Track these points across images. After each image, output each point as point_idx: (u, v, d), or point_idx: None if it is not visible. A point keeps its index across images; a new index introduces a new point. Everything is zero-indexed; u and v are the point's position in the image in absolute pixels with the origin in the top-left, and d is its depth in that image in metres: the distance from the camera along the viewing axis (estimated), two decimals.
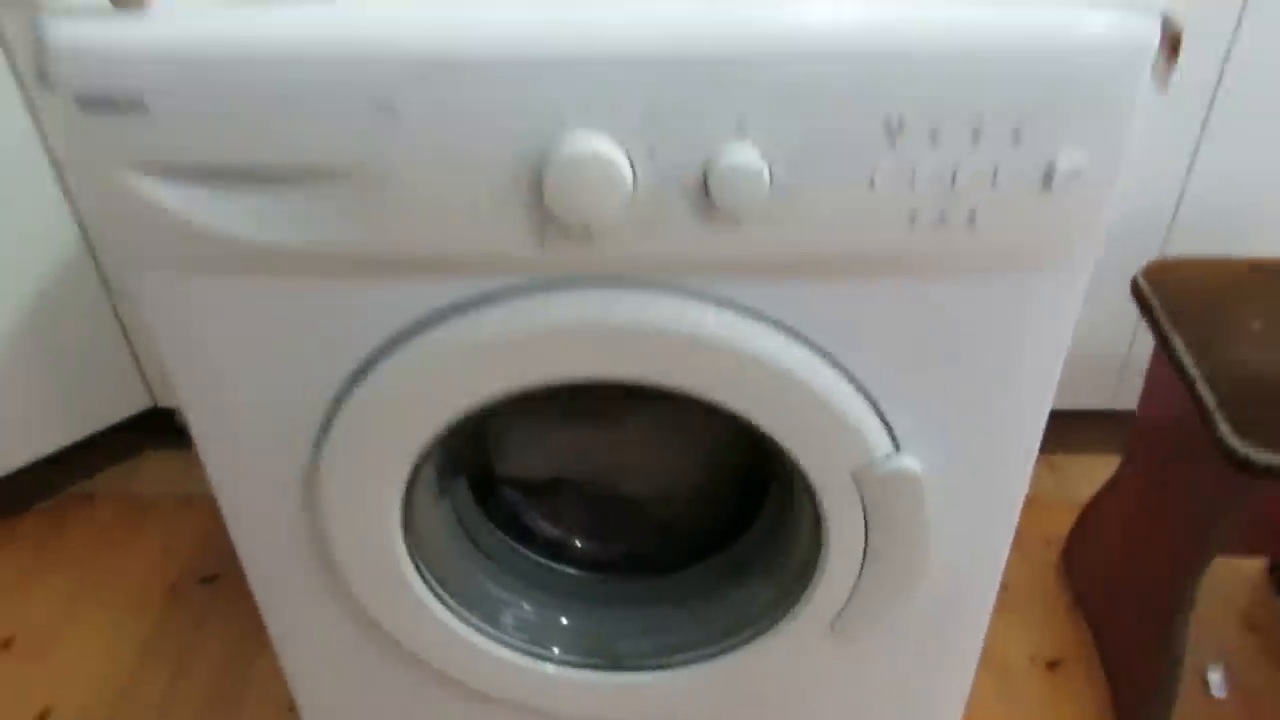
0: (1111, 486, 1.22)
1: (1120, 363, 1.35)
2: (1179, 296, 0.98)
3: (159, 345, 0.65)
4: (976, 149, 0.54)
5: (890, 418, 0.66)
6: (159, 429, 1.52)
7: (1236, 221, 1.23)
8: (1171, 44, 0.52)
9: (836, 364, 0.64)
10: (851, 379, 0.65)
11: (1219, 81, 1.13)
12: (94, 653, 1.26)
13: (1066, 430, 1.51)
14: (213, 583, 1.34)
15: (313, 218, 0.58)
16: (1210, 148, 1.17)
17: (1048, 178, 0.55)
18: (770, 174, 0.54)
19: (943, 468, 0.68)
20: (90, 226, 1.27)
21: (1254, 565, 1.32)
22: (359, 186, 0.56)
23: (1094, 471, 1.39)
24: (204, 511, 1.44)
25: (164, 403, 1.44)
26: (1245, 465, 0.83)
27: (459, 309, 0.62)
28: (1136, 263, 1.23)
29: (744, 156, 0.54)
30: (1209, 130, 1.16)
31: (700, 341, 0.61)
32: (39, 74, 0.55)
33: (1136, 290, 1.01)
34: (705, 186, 0.55)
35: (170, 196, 0.58)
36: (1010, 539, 0.76)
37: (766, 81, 0.52)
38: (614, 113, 0.53)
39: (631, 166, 0.54)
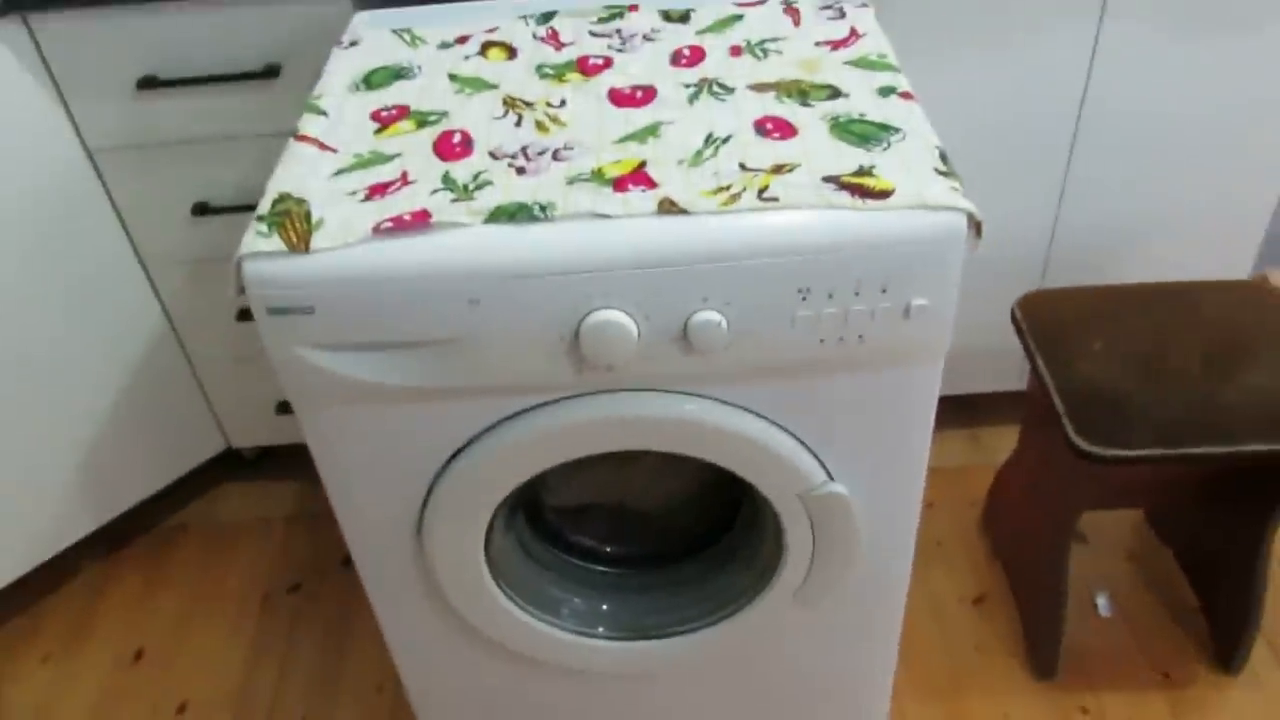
0: (1014, 458, 1.53)
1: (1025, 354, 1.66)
2: (1044, 322, 1.28)
3: (318, 451, 0.94)
4: (859, 299, 0.84)
5: (822, 457, 0.96)
6: (234, 465, 1.81)
7: (1102, 254, 1.54)
8: (975, 227, 0.82)
9: (781, 426, 0.94)
10: (793, 435, 0.95)
11: (1074, 137, 1.42)
12: (212, 656, 1.55)
13: (986, 408, 1.83)
14: (297, 591, 1.64)
15: (427, 368, 0.87)
16: (1073, 193, 1.47)
17: (906, 313, 0.84)
18: (727, 325, 0.84)
19: (863, 488, 0.99)
20: (171, 309, 1.54)
21: (1136, 514, 1.65)
22: (458, 348, 0.85)
23: (1008, 441, 1.71)
24: (280, 531, 1.73)
25: (236, 444, 1.73)
26: (1086, 456, 1.14)
27: (523, 413, 0.91)
28: (1024, 285, 1.54)
29: (709, 317, 0.83)
30: (1070, 178, 1.46)
31: (686, 422, 0.91)
32: (238, 293, 0.84)
33: (1013, 318, 1.31)
34: (685, 335, 0.84)
35: (331, 361, 0.86)
36: (913, 529, 1.06)
37: (721, 272, 0.82)
38: (624, 297, 0.82)
39: (637, 327, 0.83)
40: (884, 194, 0.82)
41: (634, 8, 1.15)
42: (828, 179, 0.84)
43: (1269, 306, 1.29)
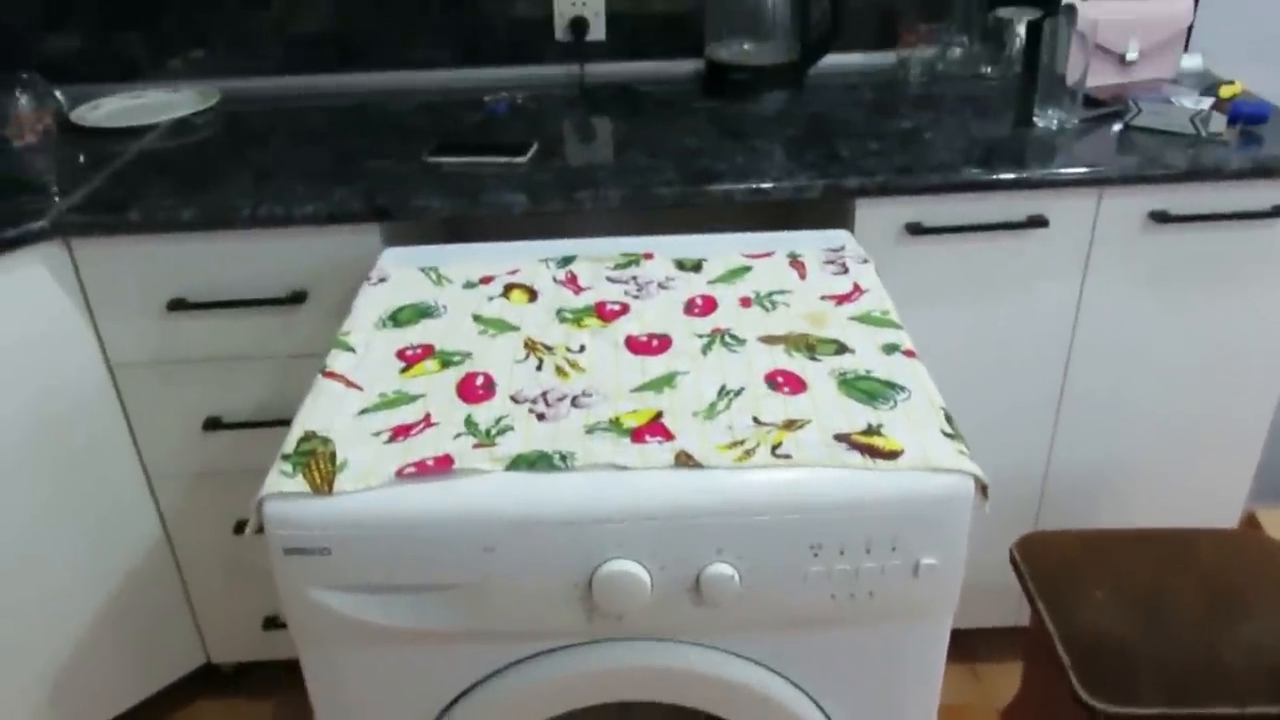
0: (1017, 702, 1.50)
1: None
2: (1044, 567, 1.29)
3: (318, 688, 0.92)
4: (869, 557, 0.85)
5: (829, 711, 0.95)
6: (210, 680, 1.75)
7: (1096, 492, 1.57)
8: (982, 488, 0.84)
9: (789, 680, 0.93)
10: (801, 689, 0.93)
11: (1064, 381, 1.48)
12: None
13: (986, 643, 1.80)
14: None
15: (439, 613, 0.86)
16: (1064, 434, 1.51)
17: (915, 571, 0.86)
18: (739, 578, 0.84)
19: None
20: (168, 519, 1.53)
21: None
22: (471, 594, 0.85)
23: (1009, 678, 1.67)
24: None
25: (216, 659, 1.68)
26: (1095, 714, 1.12)
27: (530, 659, 0.90)
28: (1021, 525, 1.56)
29: (722, 570, 0.84)
30: (1061, 420, 1.51)
31: (694, 675, 0.90)
32: (256, 532, 0.84)
33: (1012, 560, 1.32)
34: (698, 587, 0.85)
35: (343, 603, 0.86)
36: None
37: (735, 526, 0.83)
38: (639, 548, 0.83)
39: (650, 579, 0.84)
40: (893, 454, 0.85)
41: (649, 255, 1.22)
42: (839, 437, 0.87)
43: (1264, 554, 1.30)
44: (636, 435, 0.89)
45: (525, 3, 1.74)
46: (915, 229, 1.34)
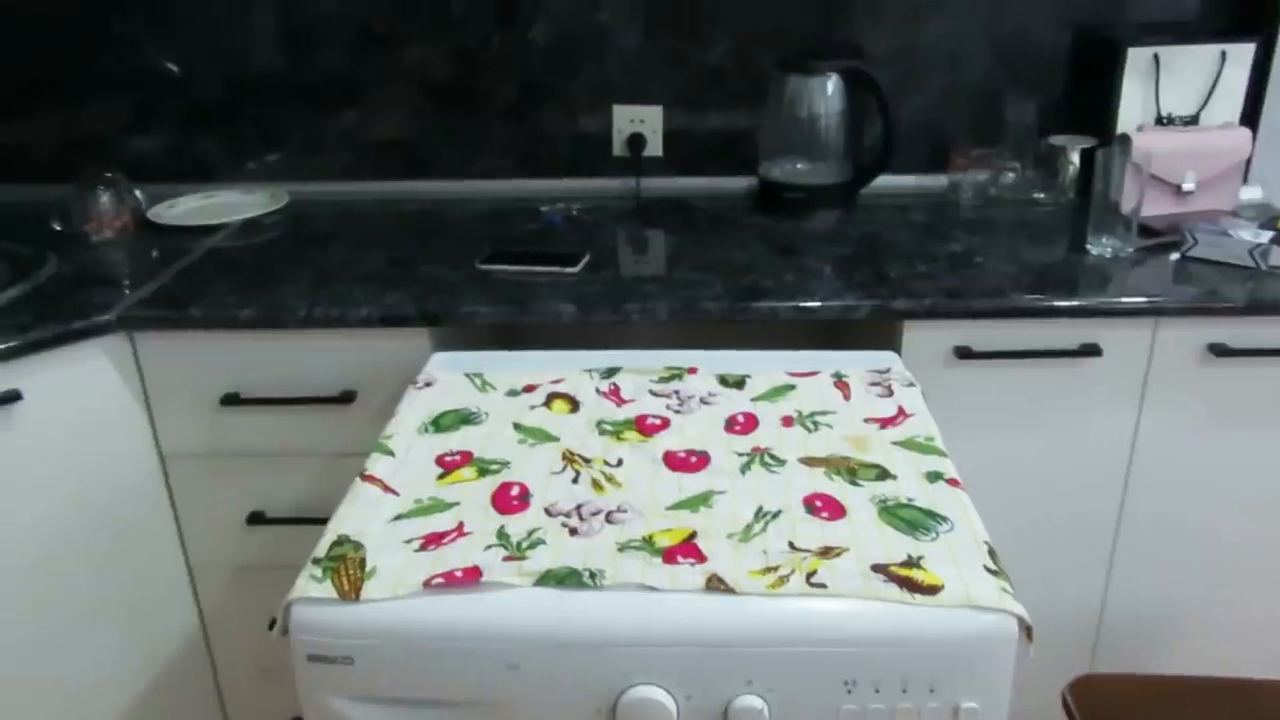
0: None
1: None
2: (1098, 714, 1.22)
3: None
4: (906, 696, 0.81)
5: None
6: None
7: (1154, 636, 1.50)
8: (1026, 630, 0.81)
9: None
10: None
11: (1119, 520, 1.43)
12: None
13: None
14: None
15: None
16: (1120, 573, 1.46)
17: (955, 715, 0.82)
18: (769, 712, 0.81)
19: None
20: (206, 612, 1.54)
21: None
22: (492, 713, 0.83)
23: None
24: None
25: None
26: None
27: None
28: (1073, 666, 1.49)
29: (751, 703, 0.81)
30: (1117, 557, 1.45)
31: None
32: (281, 634, 0.84)
33: (1065, 705, 1.25)
34: (726, 719, 0.82)
35: (363, 714, 0.84)
36: None
37: (766, 656, 0.80)
38: (665, 674, 0.81)
39: (676, 707, 0.81)
40: (932, 589, 0.82)
41: (693, 370, 1.22)
42: (876, 568, 0.85)
43: None
44: (668, 555, 0.87)
45: (585, 118, 1.79)
46: (964, 353, 1.33)
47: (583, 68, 1.77)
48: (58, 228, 1.65)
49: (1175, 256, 1.44)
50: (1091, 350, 1.33)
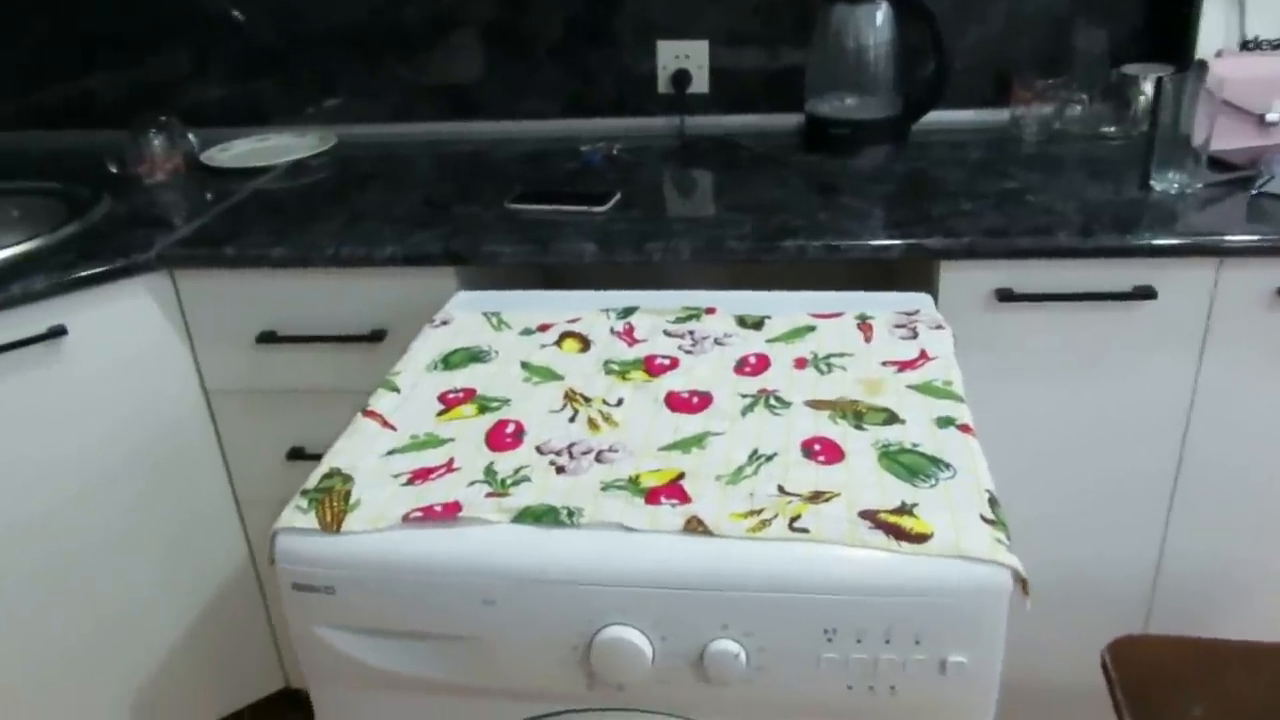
0: None
1: None
2: (1137, 676, 1.16)
3: None
4: (890, 648, 0.78)
5: None
6: (290, 704, 1.78)
7: (1213, 596, 1.41)
8: (1021, 583, 0.76)
9: None
10: None
11: (1177, 473, 1.34)
12: None
13: None
14: None
15: (438, 663, 0.85)
16: (1178, 530, 1.37)
17: (942, 669, 0.78)
18: (746, 657, 0.79)
19: None
20: (255, 546, 1.59)
21: None
22: (470, 647, 0.83)
23: None
24: None
25: (295, 684, 1.71)
26: None
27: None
28: (1126, 626, 1.42)
29: (727, 647, 0.79)
30: (1175, 513, 1.36)
31: None
32: (269, 564, 0.85)
33: (1103, 664, 1.19)
34: (701, 662, 0.80)
35: (346, 644, 0.85)
36: None
37: (742, 601, 0.78)
38: (640, 616, 0.79)
39: (651, 648, 0.80)
40: (921, 537, 0.78)
41: (711, 310, 1.19)
42: (865, 514, 0.81)
43: None
44: (651, 496, 0.85)
45: (630, 56, 1.75)
46: (1006, 295, 1.26)
47: (627, 3, 1.72)
48: (113, 170, 1.70)
49: (1250, 193, 1.33)
50: (1146, 293, 1.24)
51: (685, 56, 1.72)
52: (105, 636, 1.49)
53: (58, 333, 1.33)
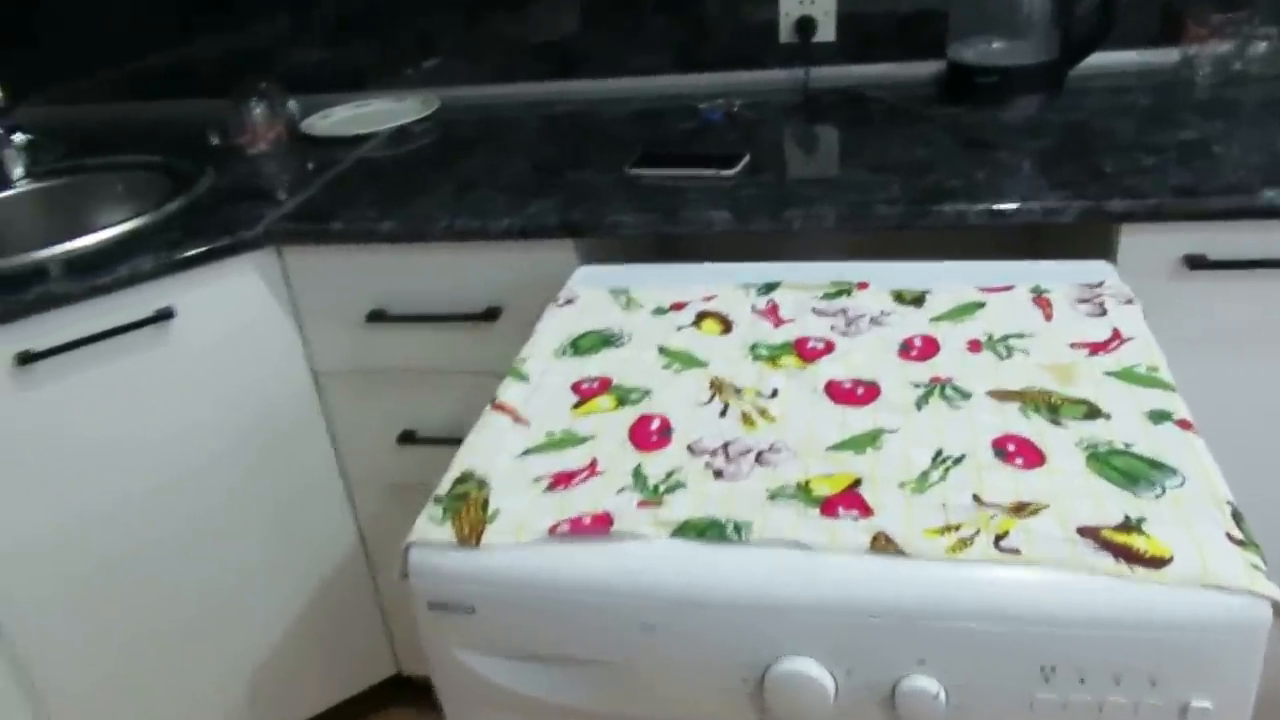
0: None
1: None
2: None
3: None
4: (1119, 689, 0.67)
5: None
6: (402, 690, 1.75)
7: None
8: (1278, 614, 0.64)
9: None
10: None
11: None
12: None
13: None
14: None
15: (589, 691, 0.76)
16: None
17: (1183, 714, 0.67)
18: (945, 697, 0.69)
19: None
20: (365, 530, 1.54)
21: None
22: (625, 674, 0.75)
23: None
24: None
25: (407, 670, 1.67)
26: None
27: None
28: None
29: (924, 685, 0.69)
30: None
31: None
32: (401, 578, 0.78)
33: None
34: (892, 702, 0.70)
35: (487, 668, 0.78)
36: None
37: (943, 632, 0.68)
38: (821, 645, 0.70)
39: (834, 684, 0.70)
40: (1158, 561, 0.67)
41: (864, 285, 1.07)
42: (1084, 531, 0.70)
43: None
44: (827, 507, 0.75)
45: (749, 3, 1.62)
46: (1196, 262, 1.11)
47: None
48: (215, 141, 1.64)
49: None
50: None
51: (810, 1, 1.59)
52: (213, 619, 1.46)
53: (165, 315, 1.28)
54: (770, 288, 1.09)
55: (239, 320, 1.34)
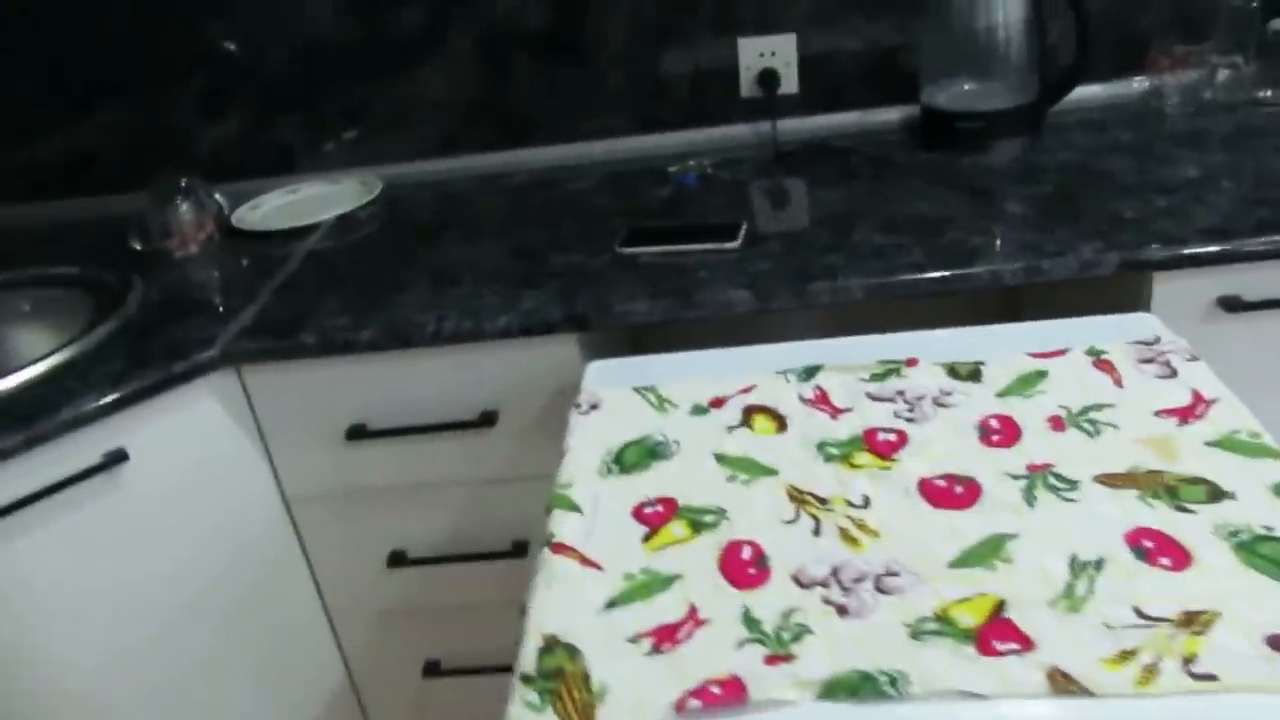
0: None
1: None
2: None
3: None
4: None
5: None
6: None
7: None
8: None
9: None
10: None
11: None
12: None
13: None
14: None
15: None
16: None
17: None
18: None
19: None
20: (352, 663, 1.39)
21: None
22: None
23: None
24: None
25: None
26: None
27: None
28: None
29: None
30: None
31: None
32: None
33: None
34: None
35: None
36: None
37: None
38: None
39: None
40: None
41: (912, 362, 1.00)
42: (1274, 642, 0.63)
43: None
44: (982, 642, 0.67)
45: (706, 57, 1.55)
46: (1232, 304, 1.08)
47: None
48: (137, 247, 1.48)
49: None
50: None
51: (770, 54, 1.53)
52: None
53: (117, 458, 1.12)
54: (811, 372, 1.01)
55: (199, 453, 1.19)
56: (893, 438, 0.89)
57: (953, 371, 0.98)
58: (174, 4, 1.55)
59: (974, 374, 0.97)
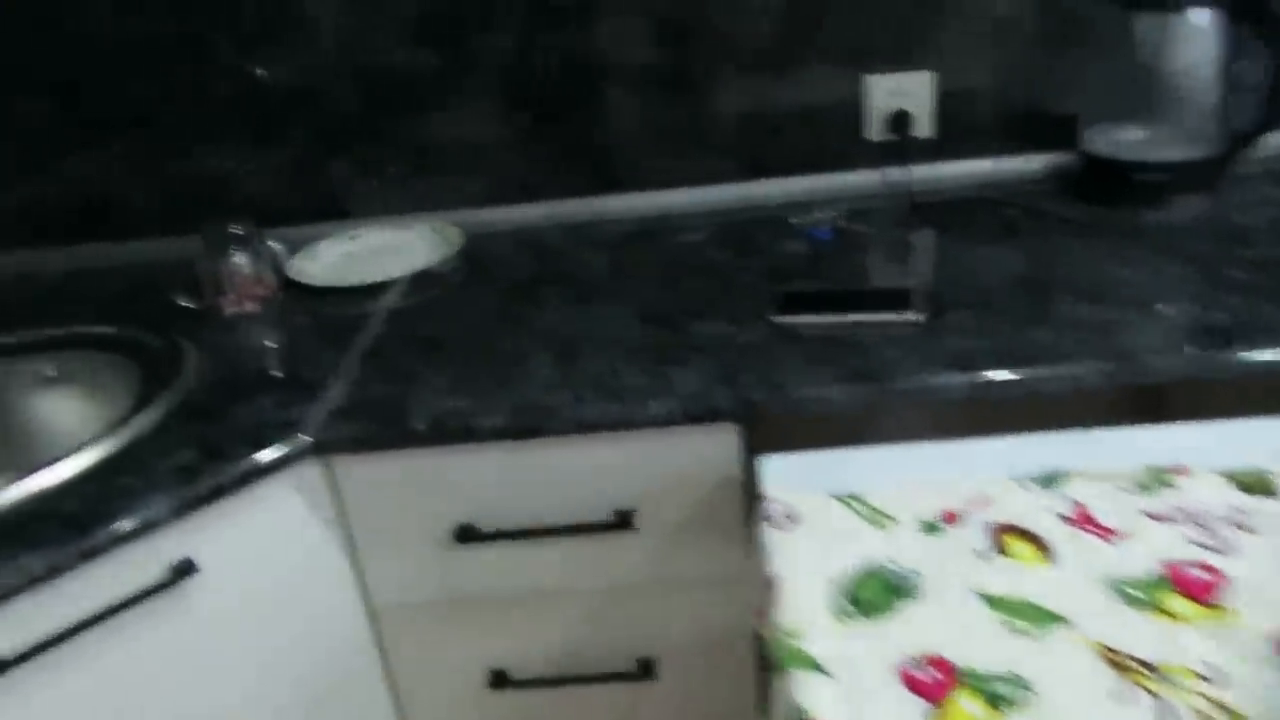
0: None
1: None
2: None
3: None
4: None
5: None
6: None
7: None
8: None
9: None
10: None
11: None
12: None
13: None
14: None
15: None
16: None
17: None
18: None
19: None
20: None
21: None
22: None
23: None
24: None
25: None
26: None
27: None
28: None
29: None
30: None
31: None
32: None
33: None
34: None
35: None
36: None
37: None
38: None
39: None
40: None
41: (1183, 471, 0.83)
42: None
43: None
44: None
45: (824, 93, 1.38)
46: None
47: (823, 26, 1.35)
48: (186, 304, 1.27)
49: None
50: None
51: (903, 93, 1.36)
52: None
53: (185, 570, 0.91)
54: (1053, 479, 0.83)
55: (277, 560, 0.99)
56: (1205, 576, 0.71)
57: (1237, 482, 0.81)
58: (213, 34, 1.36)
59: (1264, 485, 0.80)
